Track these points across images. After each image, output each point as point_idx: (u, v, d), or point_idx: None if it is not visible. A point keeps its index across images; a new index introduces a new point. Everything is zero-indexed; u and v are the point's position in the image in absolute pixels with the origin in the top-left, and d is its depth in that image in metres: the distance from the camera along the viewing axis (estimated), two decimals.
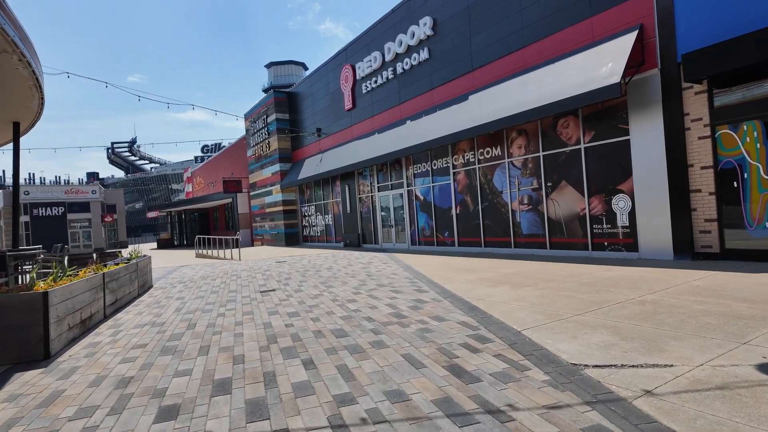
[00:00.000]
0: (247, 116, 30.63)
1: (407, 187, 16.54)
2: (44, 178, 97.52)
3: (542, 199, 11.43)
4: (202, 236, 24.50)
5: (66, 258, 12.53)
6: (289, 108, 26.08)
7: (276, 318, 6.29)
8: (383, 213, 18.33)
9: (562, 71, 10.28)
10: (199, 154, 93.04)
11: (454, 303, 6.41)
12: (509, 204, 12.37)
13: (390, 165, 17.44)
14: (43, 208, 44.55)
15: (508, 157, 12.35)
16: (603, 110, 9.99)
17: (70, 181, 71.90)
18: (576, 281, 7.38)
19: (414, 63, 15.67)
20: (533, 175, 11.66)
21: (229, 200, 32.18)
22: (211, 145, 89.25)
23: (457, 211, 14.24)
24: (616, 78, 8.69)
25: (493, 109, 11.85)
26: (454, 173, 14.27)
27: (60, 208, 45.41)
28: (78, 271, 7.65)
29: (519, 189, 12.06)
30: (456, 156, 14.17)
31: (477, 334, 4.75)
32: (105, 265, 9.44)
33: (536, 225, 11.65)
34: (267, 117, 27.06)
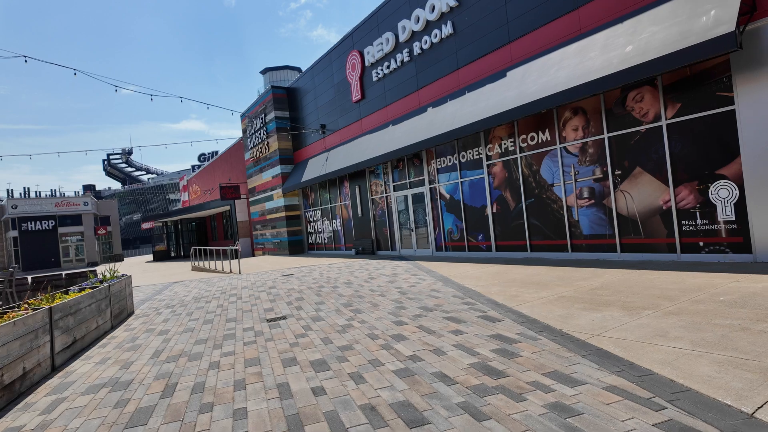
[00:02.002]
0: (243, 116, 28.51)
1: (429, 184, 14.43)
2: (39, 191, 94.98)
3: (608, 191, 9.32)
4: (198, 247, 22.34)
5: (30, 282, 10.42)
6: (289, 105, 23.98)
7: (295, 373, 4.18)
8: (401, 215, 16.20)
9: (639, 29, 8.20)
10: (196, 162, 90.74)
11: (560, 343, 4.30)
12: (563, 199, 10.25)
13: (408, 160, 15.33)
14: (33, 222, 42.38)
15: (560, 143, 10.24)
16: (692, 76, 7.91)
17: (65, 194, 69.80)
18: (710, 299, 5.26)
19: (435, 41, 13.58)
20: (595, 162, 9.55)
21: (227, 208, 30.03)
22: (209, 153, 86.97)
23: (494, 210, 12.12)
24: (727, 26, 6.61)
25: (540, 85, 9.76)
26: (488, 165, 12.16)
27: (50, 221, 43.26)
28: (13, 309, 5.53)
29: (576, 180, 9.95)
30: (491, 145, 12.06)
31: (666, 418, 2.63)
32: (67, 292, 7.36)
33: (601, 223, 9.53)
34: (265, 116, 24.96)
